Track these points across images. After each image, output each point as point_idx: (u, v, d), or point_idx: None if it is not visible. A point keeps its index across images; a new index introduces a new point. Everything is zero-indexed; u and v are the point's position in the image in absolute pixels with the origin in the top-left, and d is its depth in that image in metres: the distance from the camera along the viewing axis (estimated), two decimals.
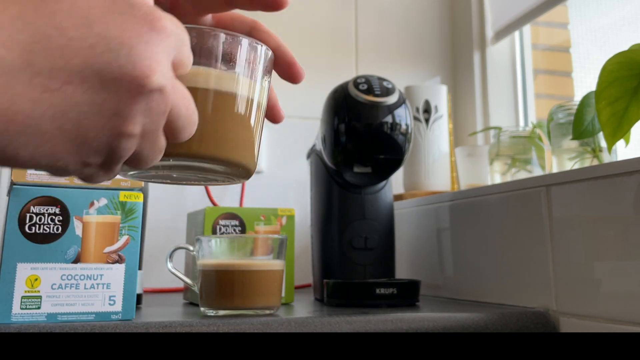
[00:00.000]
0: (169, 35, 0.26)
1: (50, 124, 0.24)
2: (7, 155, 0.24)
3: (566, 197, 0.67)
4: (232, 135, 0.34)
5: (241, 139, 0.35)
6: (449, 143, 1.13)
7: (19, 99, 0.23)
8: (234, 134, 0.35)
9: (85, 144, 0.25)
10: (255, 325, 0.60)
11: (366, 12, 1.32)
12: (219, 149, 0.34)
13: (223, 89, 0.34)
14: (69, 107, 0.24)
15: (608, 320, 0.61)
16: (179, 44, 0.27)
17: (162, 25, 0.26)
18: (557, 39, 1.24)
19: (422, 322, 0.65)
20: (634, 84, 0.65)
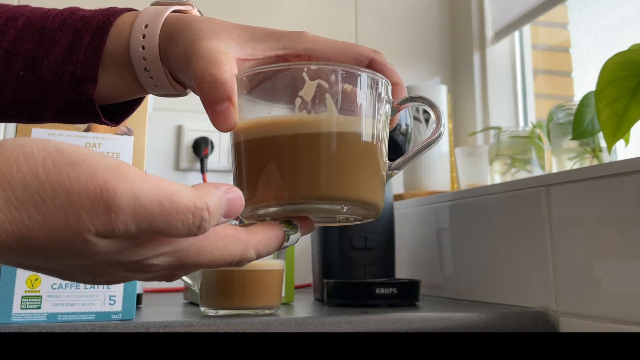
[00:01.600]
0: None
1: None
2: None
3: (566, 197, 0.67)
4: (357, 175, 0.33)
5: (366, 178, 0.34)
6: (449, 143, 1.13)
7: None
8: (358, 173, 0.33)
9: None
10: (255, 325, 0.60)
11: (366, 12, 1.32)
12: (346, 189, 0.33)
13: (342, 131, 0.33)
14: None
15: (608, 320, 0.61)
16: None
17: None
18: (557, 39, 1.24)
19: (422, 322, 0.65)
20: (633, 84, 0.65)
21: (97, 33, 0.38)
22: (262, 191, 0.33)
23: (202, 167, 1.12)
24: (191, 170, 1.14)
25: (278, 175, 0.33)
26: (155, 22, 0.38)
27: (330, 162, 0.32)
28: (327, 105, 0.33)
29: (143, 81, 0.39)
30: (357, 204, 0.34)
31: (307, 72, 0.33)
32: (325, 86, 0.33)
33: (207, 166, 1.13)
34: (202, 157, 1.12)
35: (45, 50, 0.38)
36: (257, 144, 0.34)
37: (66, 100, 0.39)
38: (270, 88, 0.34)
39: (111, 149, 0.63)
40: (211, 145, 1.13)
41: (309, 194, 0.32)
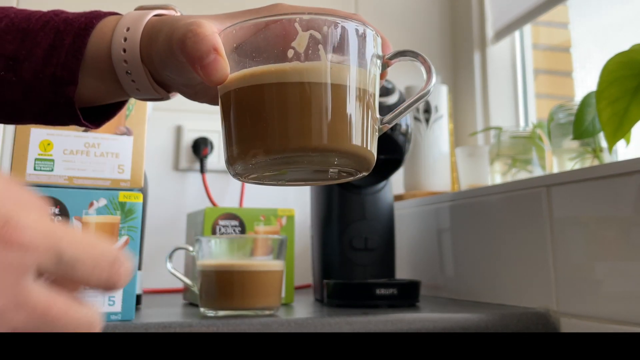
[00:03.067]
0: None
1: None
2: None
3: (566, 197, 0.67)
4: (349, 125, 0.33)
5: (358, 129, 0.34)
6: (449, 143, 1.13)
7: None
8: (351, 124, 0.33)
9: None
10: (255, 326, 0.60)
11: (366, 12, 1.32)
12: (339, 140, 0.33)
13: (336, 82, 0.33)
14: None
15: (608, 320, 0.61)
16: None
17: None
18: (558, 38, 1.23)
19: (422, 323, 0.65)
20: (634, 84, 0.64)
21: (79, 35, 0.38)
22: (251, 144, 0.33)
23: (201, 167, 1.12)
24: (191, 171, 1.14)
25: (268, 126, 0.32)
26: (137, 24, 0.38)
27: (323, 112, 0.32)
28: (320, 55, 0.32)
29: (125, 84, 0.39)
30: (349, 155, 0.34)
31: (300, 22, 0.33)
32: (318, 37, 0.33)
33: (207, 166, 1.13)
34: (201, 157, 1.12)
35: (27, 51, 0.38)
36: (246, 94, 0.33)
37: (46, 102, 0.39)
38: (262, 39, 0.33)
39: (110, 149, 0.63)
40: (211, 145, 1.13)
41: (301, 145, 0.32)
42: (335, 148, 0.33)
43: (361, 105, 0.34)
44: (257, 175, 0.35)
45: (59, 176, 0.61)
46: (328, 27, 0.33)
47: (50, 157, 0.61)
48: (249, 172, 0.34)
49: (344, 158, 0.33)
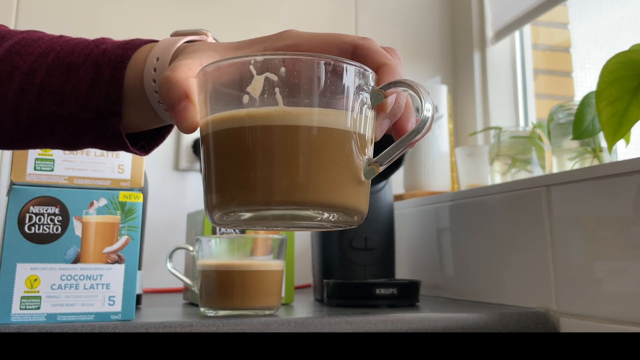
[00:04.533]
0: None
1: None
2: None
3: (566, 197, 0.67)
4: (328, 177, 0.30)
5: (331, 178, 0.30)
6: (449, 143, 1.13)
7: None
8: (330, 175, 0.30)
9: None
10: (255, 326, 0.60)
11: (366, 12, 1.32)
12: (322, 194, 0.30)
13: (300, 125, 0.30)
14: None
15: (608, 320, 0.61)
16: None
17: None
18: (557, 38, 1.23)
19: (422, 323, 0.65)
20: (634, 84, 0.64)
21: (116, 68, 0.39)
22: (225, 196, 0.31)
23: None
24: (191, 171, 1.14)
25: (239, 177, 0.30)
26: (166, 54, 0.38)
27: (287, 161, 0.29)
28: (276, 99, 0.30)
29: (159, 112, 0.39)
30: (330, 208, 0.31)
31: (254, 65, 0.30)
32: (274, 79, 0.30)
33: None
34: None
35: (72, 87, 0.39)
36: (215, 144, 0.32)
37: (96, 133, 0.40)
38: (224, 84, 0.32)
39: None
40: None
41: (274, 197, 0.30)
42: (313, 201, 0.30)
43: (338, 150, 0.30)
44: (237, 223, 0.33)
45: (59, 176, 0.61)
46: (285, 67, 0.30)
47: (50, 157, 0.61)
48: (229, 222, 0.33)
49: (327, 211, 0.31)
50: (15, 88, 0.39)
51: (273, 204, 0.30)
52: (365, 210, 0.33)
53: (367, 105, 0.32)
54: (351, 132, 0.31)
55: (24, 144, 0.42)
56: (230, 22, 1.22)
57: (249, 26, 1.23)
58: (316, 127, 0.30)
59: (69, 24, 1.12)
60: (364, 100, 0.32)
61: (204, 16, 1.20)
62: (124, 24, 1.15)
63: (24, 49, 0.41)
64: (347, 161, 0.31)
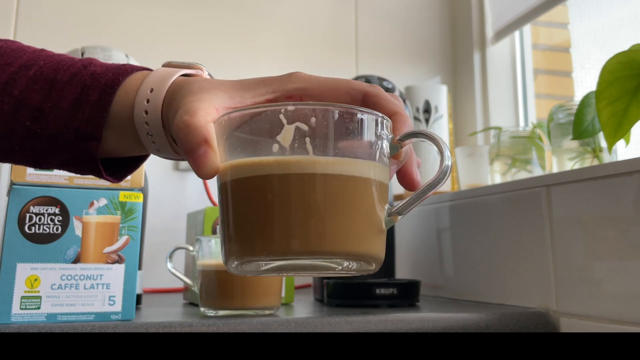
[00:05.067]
0: None
1: None
2: None
3: (566, 197, 0.67)
4: (353, 228, 0.30)
5: (354, 227, 0.30)
6: (449, 143, 1.13)
7: None
8: (353, 225, 0.30)
9: None
10: (255, 325, 0.60)
11: (366, 12, 1.32)
12: (347, 244, 0.30)
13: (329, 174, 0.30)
14: None
15: (608, 320, 0.61)
16: None
17: None
18: (557, 39, 1.24)
19: (422, 323, 0.65)
20: (634, 84, 0.64)
21: (105, 92, 0.38)
22: (244, 246, 0.31)
23: None
24: (191, 171, 1.14)
25: (260, 228, 0.30)
26: (161, 86, 0.37)
27: (316, 211, 0.29)
28: (307, 149, 0.30)
29: (146, 144, 0.39)
30: (351, 257, 0.30)
31: (284, 114, 0.30)
32: (305, 129, 0.30)
33: None
34: None
35: (53, 104, 0.38)
36: (235, 194, 0.31)
37: (70, 154, 0.39)
38: (249, 132, 0.31)
39: None
40: None
41: (295, 248, 0.29)
42: (335, 251, 0.30)
43: (363, 200, 0.31)
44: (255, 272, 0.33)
45: (60, 176, 0.61)
46: (316, 117, 0.30)
47: None
48: (247, 271, 0.32)
49: (347, 261, 0.30)
50: None
51: (298, 254, 0.29)
52: (382, 258, 0.33)
53: (386, 154, 0.32)
54: (375, 181, 0.31)
55: None
56: (230, 22, 1.22)
57: (249, 26, 1.23)
58: (345, 176, 0.30)
59: (68, 24, 1.12)
60: (383, 149, 0.32)
61: (203, 16, 1.20)
62: (123, 25, 1.15)
63: (2, 58, 0.39)
64: (371, 211, 0.31)
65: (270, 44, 1.24)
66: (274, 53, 1.23)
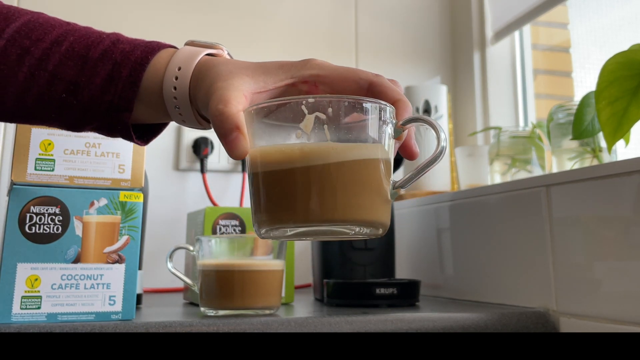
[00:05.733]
0: None
1: None
2: None
3: (566, 197, 0.67)
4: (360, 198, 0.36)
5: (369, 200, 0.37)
6: (449, 143, 1.13)
7: None
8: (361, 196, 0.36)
9: None
10: (255, 325, 0.60)
11: (366, 12, 1.32)
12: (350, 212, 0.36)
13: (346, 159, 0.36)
14: None
15: (608, 320, 0.61)
16: None
17: None
18: (557, 39, 1.24)
19: (422, 322, 0.65)
20: (633, 84, 0.65)
21: (135, 69, 0.42)
22: (273, 216, 0.37)
23: (202, 167, 1.12)
24: (191, 171, 1.14)
25: (287, 202, 0.36)
26: (188, 65, 0.42)
27: (333, 188, 0.35)
28: (325, 134, 0.36)
29: (173, 115, 0.43)
30: (362, 224, 0.37)
31: (306, 105, 0.36)
32: (323, 118, 0.36)
33: (207, 166, 1.13)
34: (202, 157, 1.12)
35: (86, 79, 0.42)
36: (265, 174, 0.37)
37: (104, 123, 0.43)
38: (275, 119, 0.37)
39: (111, 149, 0.63)
40: (211, 145, 1.13)
41: (315, 218, 0.35)
42: (346, 219, 0.36)
43: (370, 177, 0.37)
44: (281, 237, 0.39)
45: (60, 176, 0.61)
46: (332, 107, 0.36)
47: (51, 157, 0.61)
48: (272, 237, 0.39)
49: (357, 226, 0.37)
50: (26, 71, 0.41)
51: (318, 222, 0.36)
52: (388, 223, 0.39)
53: (390, 137, 0.39)
54: (383, 160, 0.38)
55: (26, 120, 0.44)
56: (230, 22, 1.22)
57: (249, 26, 1.23)
58: (357, 160, 0.36)
59: None
60: (389, 133, 0.38)
61: (204, 15, 1.20)
62: (126, 27, 1.15)
63: (33, 33, 0.42)
64: (378, 186, 0.37)
65: (270, 44, 1.24)
66: (274, 53, 1.23)
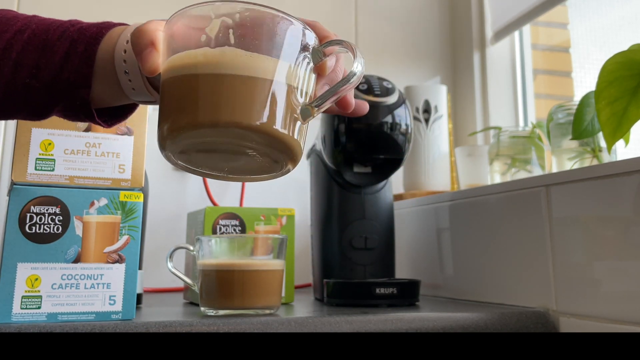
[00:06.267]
0: None
1: None
2: None
3: (566, 197, 0.67)
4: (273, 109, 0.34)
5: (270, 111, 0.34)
6: (449, 143, 1.13)
7: None
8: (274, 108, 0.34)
9: None
10: (255, 325, 0.60)
11: (366, 12, 1.32)
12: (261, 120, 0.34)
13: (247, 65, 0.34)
14: None
15: (608, 320, 0.61)
16: None
17: None
18: (557, 39, 1.24)
19: (422, 322, 0.65)
20: (633, 84, 0.65)
21: (90, 44, 0.43)
22: (172, 124, 0.35)
23: None
24: None
25: (185, 104, 0.34)
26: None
27: (234, 88, 0.33)
28: (229, 40, 0.34)
29: (123, 83, 0.43)
30: (263, 136, 0.34)
31: (213, 9, 0.35)
32: (229, 22, 0.34)
33: None
34: None
35: (46, 60, 0.43)
36: (169, 81, 0.36)
37: (66, 103, 0.44)
38: (185, 26, 0.36)
39: (111, 148, 0.63)
40: None
41: (209, 120, 0.33)
42: (244, 124, 0.34)
43: (278, 90, 0.35)
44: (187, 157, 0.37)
45: (60, 176, 0.61)
46: (240, 14, 0.34)
47: (51, 156, 0.61)
48: (176, 148, 0.36)
49: (256, 136, 0.34)
50: None
51: (217, 125, 0.33)
52: (300, 151, 0.37)
53: (305, 58, 0.37)
54: (290, 75, 0.36)
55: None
56: None
57: None
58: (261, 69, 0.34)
59: None
60: (306, 57, 0.37)
61: None
62: None
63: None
64: (286, 99, 0.35)
65: None
66: None
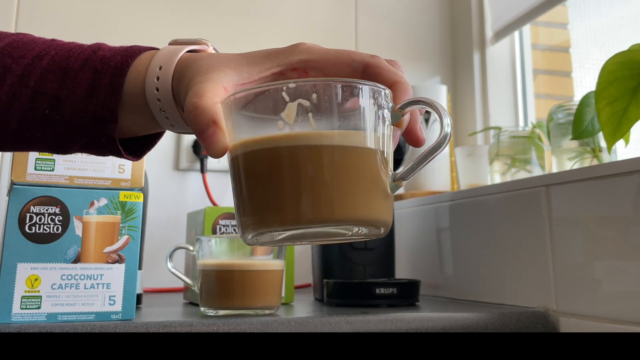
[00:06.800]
0: None
1: None
2: None
3: (566, 197, 0.67)
4: (353, 192, 0.31)
5: (363, 194, 0.32)
6: (449, 143, 1.13)
7: None
8: (353, 190, 0.31)
9: None
10: (255, 325, 0.60)
11: (366, 12, 1.32)
12: (355, 211, 0.31)
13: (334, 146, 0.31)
14: None
15: (608, 320, 0.61)
16: None
17: None
18: (557, 39, 1.24)
19: (422, 322, 0.65)
20: (633, 84, 0.65)
21: (115, 75, 0.39)
22: (258, 218, 0.32)
23: (202, 167, 1.12)
24: (191, 171, 1.14)
25: (273, 200, 0.31)
26: (169, 63, 0.38)
27: (324, 183, 0.31)
28: (310, 124, 0.31)
29: (159, 120, 0.40)
30: (360, 223, 0.32)
31: (287, 91, 0.31)
32: (307, 105, 0.31)
33: (207, 166, 1.13)
34: (202, 157, 1.12)
35: (68, 91, 0.39)
36: (246, 164, 0.33)
37: (89, 138, 0.40)
38: (255, 110, 0.33)
39: None
40: None
41: (305, 218, 0.31)
42: (344, 218, 0.31)
43: (368, 168, 0.32)
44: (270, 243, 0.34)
45: (60, 176, 0.61)
46: (317, 92, 0.31)
47: (50, 156, 0.61)
48: (263, 241, 0.34)
49: (357, 226, 0.32)
50: (7, 90, 0.39)
51: (310, 222, 0.31)
52: (390, 222, 0.34)
53: (388, 123, 0.34)
54: (378, 150, 0.33)
55: (12, 146, 0.42)
56: (230, 23, 1.22)
57: (249, 27, 1.23)
58: (350, 147, 0.31)
59: (69, 25, 1.12)
60: (385, 118, 0.33)
61: (203, 17, 1.20)
62: (123, 25, 1.15)
63: (15, 51, 0.40)
64: (376, 178, 0.32)
65: (270, 44, 1.23)
66: None
